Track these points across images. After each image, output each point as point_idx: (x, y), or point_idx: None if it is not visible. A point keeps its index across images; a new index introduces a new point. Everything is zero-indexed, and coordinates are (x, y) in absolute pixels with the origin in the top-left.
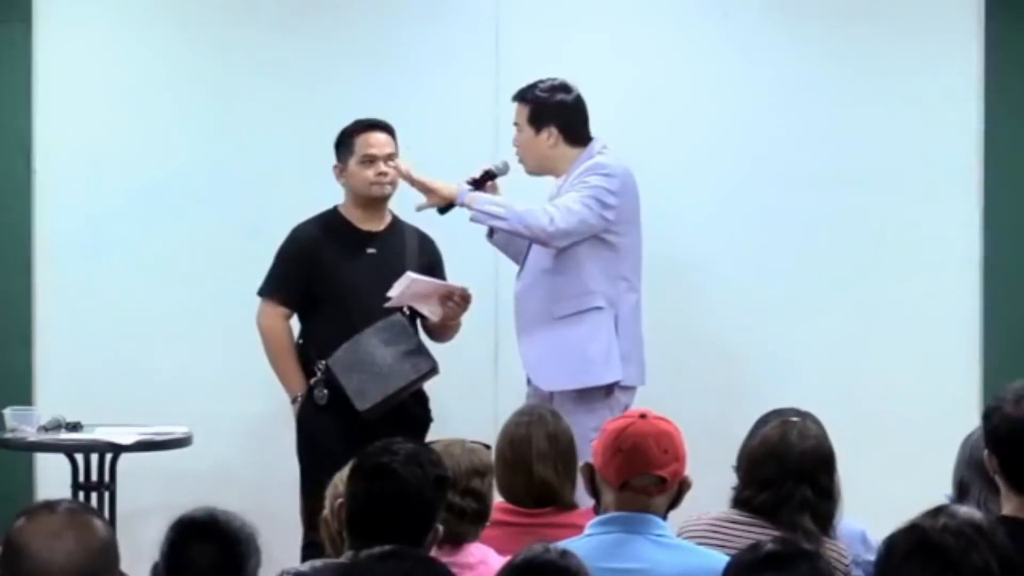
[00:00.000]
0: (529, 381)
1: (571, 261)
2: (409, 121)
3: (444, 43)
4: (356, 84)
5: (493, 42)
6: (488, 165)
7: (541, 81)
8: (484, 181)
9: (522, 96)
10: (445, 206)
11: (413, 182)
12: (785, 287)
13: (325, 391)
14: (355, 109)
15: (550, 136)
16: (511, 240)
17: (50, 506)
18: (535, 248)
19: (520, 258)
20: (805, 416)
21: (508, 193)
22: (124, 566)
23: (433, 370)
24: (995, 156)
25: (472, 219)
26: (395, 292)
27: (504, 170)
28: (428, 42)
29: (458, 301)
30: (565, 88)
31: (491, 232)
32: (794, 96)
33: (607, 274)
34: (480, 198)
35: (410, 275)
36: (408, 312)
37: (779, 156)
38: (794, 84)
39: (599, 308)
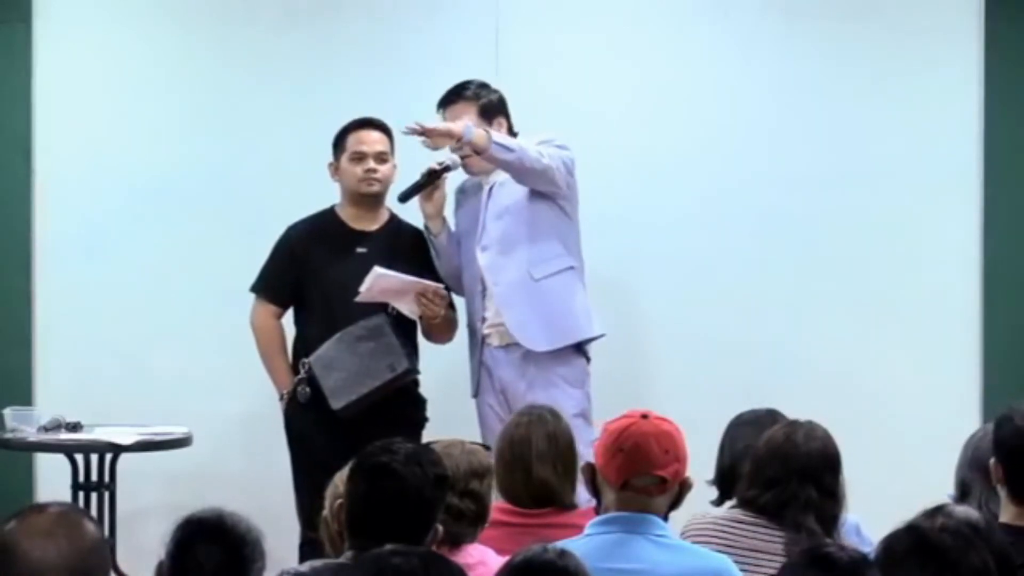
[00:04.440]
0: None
1: (542, 228)
2: (409, 121)
3: (443, 43)
4: (355, 84)
5: (493, 42)
6: (446, 160)
7: (469, 82)
8: (441, 174)
9: (465, 96)
10: (408, 192)
11: (429, 131)
12: (784, 287)
13: (308, 389)
14: (354, 109)
15: (500, 128)
16: (450, 254)
17: (40, 508)
18: (495, 221)
19: (449, 269)
20: (776, 415)
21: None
22: (124, 566)
23: (410, 371)
24: (995, 156)
25: (485, 152)
26: (363, 288)
27: (455, 166)
28: (427, 42)
29: (432, 298)
30: (490, 87)
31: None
32: (794, 96)
33: (568, 244)
34: (488, 132)
35: (377, 270)
36: (394, 312)
37: (779, 156)
38: (794, 84)
39: (572, 268)
